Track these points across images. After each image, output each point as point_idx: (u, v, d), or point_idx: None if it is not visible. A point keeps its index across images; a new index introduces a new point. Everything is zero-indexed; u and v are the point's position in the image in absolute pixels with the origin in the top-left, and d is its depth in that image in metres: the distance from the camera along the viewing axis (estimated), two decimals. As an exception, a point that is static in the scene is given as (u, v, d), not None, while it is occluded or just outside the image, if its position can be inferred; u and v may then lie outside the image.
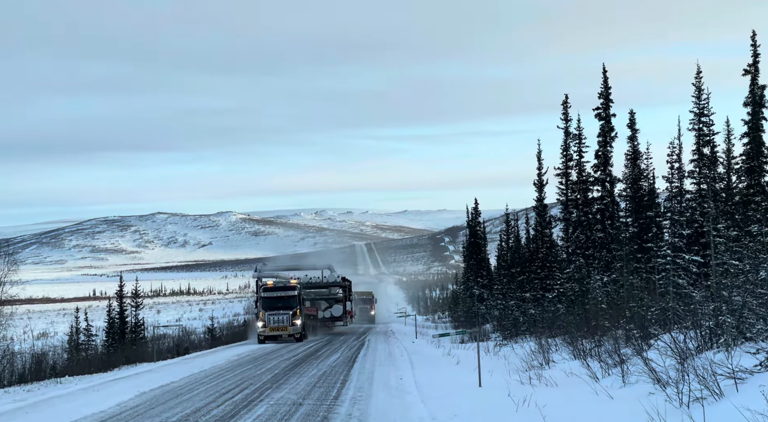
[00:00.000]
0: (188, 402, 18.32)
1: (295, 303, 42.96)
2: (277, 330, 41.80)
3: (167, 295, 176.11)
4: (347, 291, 57.14)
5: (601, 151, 32.36)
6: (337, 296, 55.97)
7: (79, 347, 35.11)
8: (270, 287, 44.71)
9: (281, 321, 41.77)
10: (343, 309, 54.83)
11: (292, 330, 42.00)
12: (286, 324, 41.85)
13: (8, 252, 29.87)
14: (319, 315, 53.68)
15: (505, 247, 51.09)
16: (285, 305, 42.48)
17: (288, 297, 43.21)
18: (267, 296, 43.27)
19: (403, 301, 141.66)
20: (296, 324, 42.20)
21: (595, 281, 27.87)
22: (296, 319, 42.33)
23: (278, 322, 41.76)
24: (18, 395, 22.46)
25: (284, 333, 41.89)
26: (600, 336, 20.29)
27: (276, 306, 42.35)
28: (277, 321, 41.79)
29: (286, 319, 41.89)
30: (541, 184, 38.70)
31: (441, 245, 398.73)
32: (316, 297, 55.61)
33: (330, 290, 56.59)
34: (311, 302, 54.31)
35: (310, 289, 54.98)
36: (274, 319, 41.78)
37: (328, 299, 55.88)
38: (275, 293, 43.51)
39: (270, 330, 41.89)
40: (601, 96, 32.04)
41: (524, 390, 16.29)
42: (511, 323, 36.37)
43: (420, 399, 17.30)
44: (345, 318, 55.09)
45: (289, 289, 44.17)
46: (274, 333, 41.90)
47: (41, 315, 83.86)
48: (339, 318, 54.68)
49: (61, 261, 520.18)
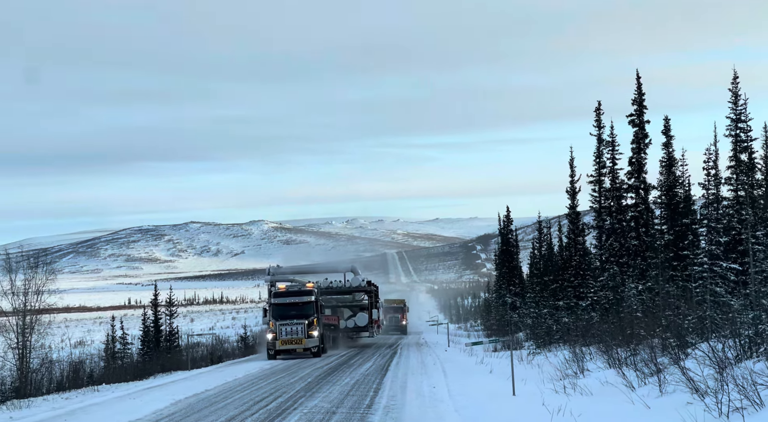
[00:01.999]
0: (222, 410, 18.43)
1: (311, 310, 36.78)
2: (290, 343, 35.81)
3: (201, 304, 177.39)
4: (374, 297, 50.99)
5: (635, 157, 32.08)
6: (362, 303, 49.42)
7: (115, 355, 35.48)
8: (281, 292, 38.18)
9: (295, 333, 35.78)
10: (368, 317, 48.50)
11: (307, 343, 35.95)
12: (300, 335, 35.84)
13: (46, 261, 30.21)
14: (341, 325, 47.46)
15: (538, 255, 50.81)
16: (299, 313, 36.34)
17: (303, 303, 36.89)
18: (278, 303, 36.98)
19: (435, 309, 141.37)
20: (313, 336, 36.02)
21: (629, 289, 27.58)
22: (313, 330, 36.12)
23: (291, 334, 35.78)
24: (56, 402, 22.73)
25: (298, 346, 35.93)
26: (635, 345, 20.08)
27: (289, 315, 36.26)
28: (291, 332, 35.79)
29: (301, 330, 35.84)
30: (573, 191, 38.45)
31: (473, 253, 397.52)
32: (338, 304, 49.28)
33: (354, 296, 49.93)
34: (332, 310, 48.21)
35: (331, 295, 48.69)
36: (287, 330, 35.75)
37: (352, 306, 49.46)
38: (288, 299, 37.12)
39: (281, 343, 35.77)
40: (634, 102, 31.76)
41: (559, 399, 16.17)
42: (544, 331, 36.12)
43: (453, 408, 17.24)
44: (371, 328, 48.89)
45: (305, 294, 37.67)
46: (287, 347, 35.90)
47: (78, 324, 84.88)
48: (364, 328, 48.45)
49: (96, 270, 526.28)
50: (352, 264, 54.24)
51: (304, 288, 38.96)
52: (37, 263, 27.76)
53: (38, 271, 27.11)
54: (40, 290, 26.65)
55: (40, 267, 27.42)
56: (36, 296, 26.57)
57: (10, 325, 26.32)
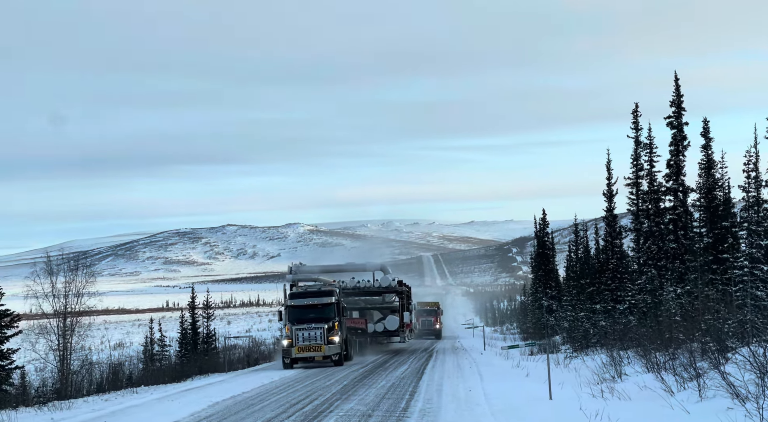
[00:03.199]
0: (259, 413, 18.56)
1: (332, 313, 33.41)
2: (307, 351, 32.47)
3: (237, 306, 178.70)
4: (405, 299, 47.44)
5: (673, 160, 31.74)
6: (393, 305, 46.12)
7: (153, 357, 35.85)
8: (299, 292, 35.04)
9: (313, 338, 32.40)
10: (399, 321, 44.72)
11: (328, 350, 32.54)
12: (319, 341, 32.38)
13: (86, 264, 30.63)
14: (369, 329, 44.11)
15: (574, 258, 50.44)
16: (319, 316, 32.95)
17: (323, 305, 33.46)
18: (295, 305, 33.53)
19: (471, 312, 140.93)
20: (334, 342, 32.64)
21: (668, 292, 27.28)
22: (334, 335, 32.69)
23: (309, 340, 32.43)
24: (96, 404, 23.06)
25: (317, 354, 32.53)
26: (674, 349, 19.86)
27: (306, 318, 32.92)
28: (308, 337, 32.44)
29: (320, 335, 32.39)
30: (610, 193, 38.18)
31: (508, 256, 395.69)
32: (366, 307, 46.02)
33: (384, 297, 46.73)
34: (360, 312, 45.18)
35: (359, 296, 45.59)
36: (304, 336, 32.42)
37: (381, 308, 46.20)
38: (306, 300, 33.76)
39: (298, 350, 32.40)
40: (672, 104, 31.44)
41: (596, 403, 16.04)
42: (581, 335, 35.85)
43: (490, 411, 17.19)
44: (402, 332, 45.22)
45: (325, 295, 34.26)
46: (304, 355, 32.55)
47: (117, 326, 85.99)
48: (394, 332, 44.84)
49: (135, 272, 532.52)
50: (381, 263, 50.98)
51: (325, 287, 35.88)
52: (77, 266, 28.19)
53: (78, 274, 27.53)
54: (80, 292, 27.05)
55: (80, 270, 27.82)
56: (76, 298, 26.98)
57: (51, 327, 26.75)
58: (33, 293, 26.69)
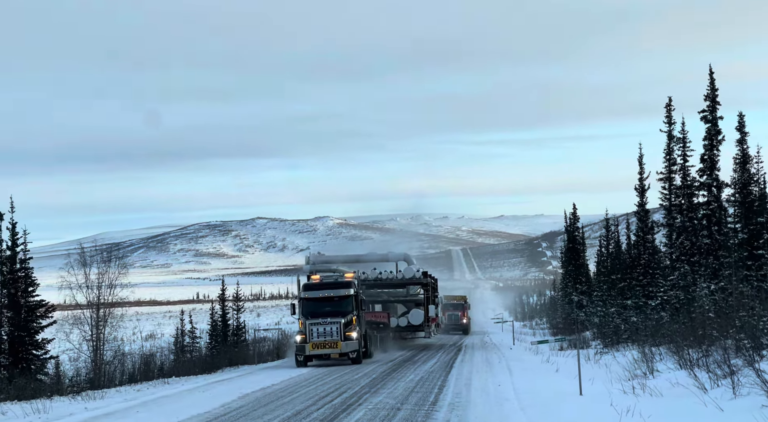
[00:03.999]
0: (289, 405, 18.65)
1: (349, 306, 31.27)
2: (322, 347, 30.24)
3: (267, 299, 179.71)
4: (431, 291, 44.86)
5: (707, 154, 31.37)
6: (417, 298, 43.68)
7: (184, 349, 36.12)
8: (313, 284, 32.63)
9: (329, 334, 30.22)
10: (424, 314, 42.34)
11: (344, 347, 30.27)
12: (335, 337, 30.21)
13: (118, 255, 30.92)
14: (392, 323, 41.88)
15: (605, 253, 50.05)
16: (335, 310, 30.86)
17: (340, 298, 31.32)
18: (309, 297, 31.39)
19: (500, 307, 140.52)
20: (351, 338, 30.37)
21: (701, 289, 26.99)
22: (351, 331, 30.53)
23: (324, 336, 30.20)
24: (129, 394, 23.33)
25: (333, 351, 30.28)
26: (708, 346, 19.64)
27: (322, 312, 30.80)
28: (323, 333, 30.22)
29: (336, 331, 30.22)
30: (642, 188, 37.86)
31: (538, 250, 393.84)
32: (389, 299, 43.88)
33: (408, 289, 44.38)
34: (383, 305, 43.07)
35: (381, 288, 43.38)
36: (319, 331, 30.22)
37: (406, 301, 43.99)
38: (321, 292, 31.49)
39: (312, 346, 30.15)
40: (707, 98, 31.07)
41: (627, 399, 15.91)
42: (611, 331, 35.58)
43: (519, 406, 17.13)
44: (427, 327, 42.87)
45: (342, 287, 31.92)
46: (319, 352, 30.37)
47: (149, 317, 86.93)
48: (419, 327, 42.46)
49: (166, 264, 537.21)
50: (405, 253, 47.74)
51: (342, 279, 33.17)
52: (110, 257, 28.51)
53: (111, 265, 27.84)
54: (113, 284, 27.35)
55: (112, 262, 28.13)
56: (109, 289, 27.29)
57: (85, 318, 27.08)
58: (67, 284, 27.04)
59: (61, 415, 18.50)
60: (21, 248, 24.82)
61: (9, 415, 18.55)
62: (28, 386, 22.18)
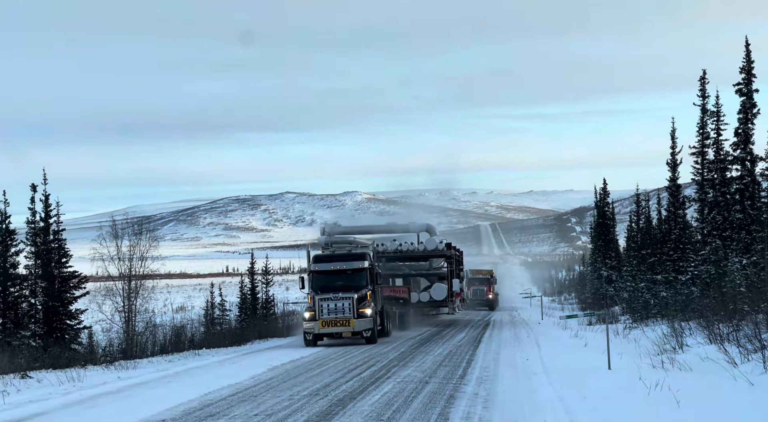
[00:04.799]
0: (318, 377, 18.82)
1: (363, 280, 28.83)
2: (333, 325, 27.94)
3: (295, 273, 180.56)
4: (455, 264, 41.92)
5: (741, 128, 30.93)
6: (440, 271, 40.75)
7: (214, 321, 36.44)
8: (324, 255, 30.59)
9: (340, 311, 27.91)
10: (447, 289, 39.29)
11: (357, 325, 27.92)
12: (348, 315, 27.85)
13: (149, 228, 31.19)
14: (413, 299, 38.98)
15: (635, 228, 49.70)
16: (348, 284, 28.49)
17: (353, 271, 28.87)
18: (319, 270, 29.01)
19: (529, 282, 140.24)
20: (365, 315, 28.03)
21: (732, 263, 26.73)
22: (365, 307, 28.13)
23: (336, 312, 27.93)
24: (160, 365, 23.66)
25: (345, 329, 28.03)
26: (738, 321, 19.49)
27: (333, 286, 28.45)
28: (334, 310, 27.93)
29: (348, 307, 27.85)
30: (674, 163, 37.53)
31: (567, 226, 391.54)
32: (410, 273, 41.24)
33: (431, 262, 41.41)
34: (404, 279, 40.54)
35: (401, 261, 40.58)
36: (329, 307, 27.94)
37: (428, 275, 41.18)
38: (332, 265, 29.10)
39: (322, 324, 27.87)
40: (742, 70, 30.56)
41: (656, 373, 15.87)
42: (641, 306, 35.43)
43: (547, 380, 17.14)
44: (450, 302, 39.96)
45: (355, 259, 29.51)
46: (329, 330, 28.08)
47: (179, 290, 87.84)
48: (442, 302, 39.54)
49: (196, 238, 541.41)
50: (427, 223, 44.41)
51: (356, 250, 31.02)
52: (141, 230, 28.79)
53: (142, 238, 28.11)
54: (144, 256, 27.62)
55: (143, 234, 28.40)
56: (140, 262, 27.58)
57: (117, 289, 27.43)
58: (99, 256, 27.37)
59: (95, 384, 18.82)
60: (54, 220, 25.13)
61: (44, 383, 18.91)
62: (63, 355, 22.58)
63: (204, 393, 16.30)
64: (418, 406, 13.93)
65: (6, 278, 23.81)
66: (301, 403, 14.58)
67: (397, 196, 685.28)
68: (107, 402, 15.96)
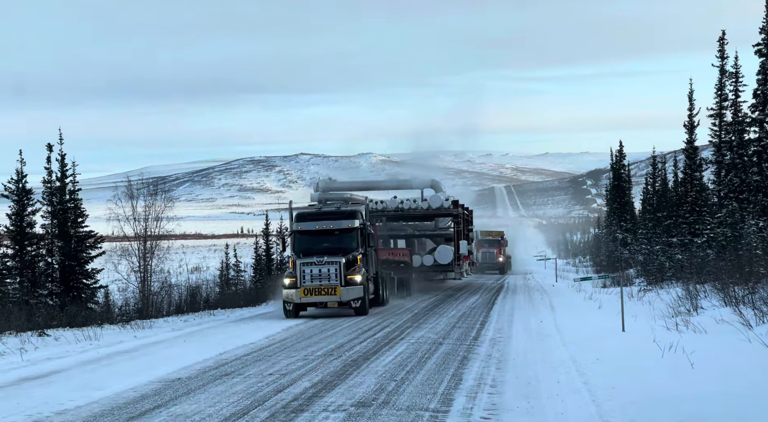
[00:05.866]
0: (332, 337, 18.94)
1: (353, 242, 25.13)
2: (317, 294, 24.18)
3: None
4: (463, 224, 38.02)
5: (760, 89, 30.53)
6: (446, 232, 37.55)
7: (229, 282, 36.63)
8: (309, 213, 26.37)
9: (325, 277, 24.22)
10: (454, 252, 35.89)
11: (345, 294, 24.16)
12: (334, 282, 24.15)
13: (164, 189, 31.24)
14: (416, 263, 35.47)
15: (651, 191, 49.44)
16: (335, 247, 24.75)
17: (341, 231, 25.17)
18: (303, 230, 25.22)
19: (543, 245, 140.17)
20: (354, 283, 24.31)
21: (749, 226, 26.57)
22: (355, 273, 24.45)
23: (320, 279, 24.24)
24: (176, 324, 23.88)
25: (330, 298, 24.23)
26: (754, 283, 19.40)
27: (318, 249, 24.68)
28: (318, 276, 24.25)
29: (335, 273, 24.20)
30: (692, 125, 37.20)
31: (582, 188, 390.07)
32: (414, 234, 38.22)
33: (436, 222, 38.19)
34: (406, 241, 37.80)
35: (403, 220, 37.37)
36: (313, 273, 24.27)
37: (433, 236, 38.09)
38: (317, 224, 25.28)
39: (304, 292, 24.13)
40: (762, 31, 30.05)
41: (670, 336, 15.85)
42: (656, 268, 35.33)
43: (561, 342, 17.17)
44: (457, 266, 36.46)
45: (344, 217, 25.51)
46: (312, 299, 24.28)
47: (194, 251, 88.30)
48: (447, 266, 36.05)
49: (211, 199, 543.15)
50: (432, 178, 39.73)
51: (345, 207, 26.81)
52: (156, 191, 28.84)
53: (157, 198, 28.18)
54: (159, 217, 27.71)
55: (159, 195, 28.46)
56: (155, 222, 27.68)
57: (132, 249, 27.58)
58: (115, 216, 27.48)
59: (112, 342, 19.02)
60: (70, 179, 25.21)
61: (62, 341, 19.13)
62: (79, 314, 22.79)
63: (219, 352, 16.45)
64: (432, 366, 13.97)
65: (23, 237, 23.98)
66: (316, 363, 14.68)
67: (412, 157, 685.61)
68: (124, 360, 16.14)
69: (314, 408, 10.59)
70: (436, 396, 11.30)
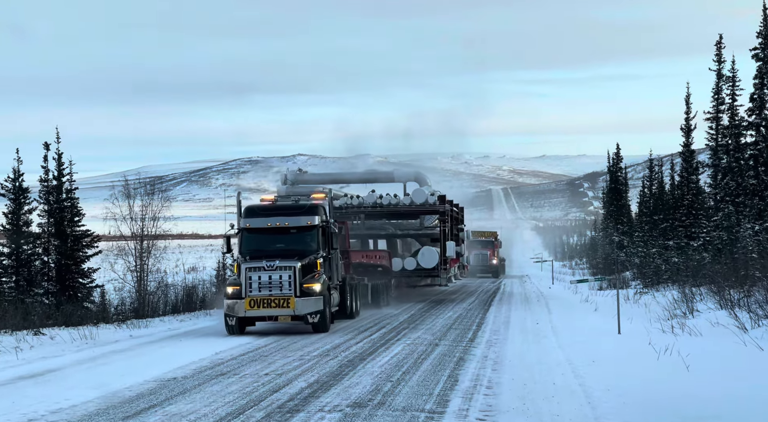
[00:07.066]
0: (328, 338, 18.94)
1: (313, 243, 20.86)
2: (265, 306, 19.85)
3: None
4: (451, 222, 32.51)
5: (757, 93, 30.59)
6: (432, 231, 32.73)
7: (225, 281, 36.61)
8: (260, 208, 21.97)
9: (276, 286, 19.98)
10: (439, 255, 30.50)
11: (300, 307, 19.79)
12: (287, 292, 19.88)
13: (161, 189, 31.15)
14: (396, 266, 30.39)
15: (648, 193, 49.55)
16: (289, 249, 20.54)
17: (298, 230, 20.87)
18: (252, 227, 21.08)
19: (540, 247, 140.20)
20: (312, 293, 19.98)
21: (745, 229, 26.62)
22: (313, 281, 20.19)
23: (270, 287, 20.00)
24: (172, 324, 23.86)
25: (282, 311, 19.84)
26: (749, 287, 19.44)
27: (269, 250, 20.53)
28: (268, 284, 20.02)
29: (288, 281, 19.93)
30: (688, 128, 37.43)
31: (579, 191, 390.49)
32: (396, 233, 33.65)
33: (422, 220, 33.61)
34: (388, 241, 33.40)
35: (384, 217, 32.86)
36: (262, 281, 20.04)
37: (419, 236, 33.63)
38: (269, 220, 21.13)
39: (250, 304, 19.84)
40: (759, 35, 30.13)
41: (666, 338, 15.88)
42: (652, 271, 35.40)
43: (557, 344, 17.19)
44: (443, 271, 31.42)
45: (302, 212, 21.19)
46: (259, 313, 19.99)
47: (191, 250, 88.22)
48: (431, 271, 30.75)
49: (208, 199, 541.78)
50: (416, 171, 35.97)
51: (304, 201, 21.95)
52: (153, 190, 28.79)
53: (154, 198, 28.13)
54: (156, 216, 27.67)
55: (156, 194, 28.41)
56: (152, 222, 27.64)
57: (129, 249, 27.54)
58: (111, 215, 27.44)
59: (107, 341, 19.01)
60: (67, 178, 25.17)
61: (57, 340, 19.11)
62: (75, 313, 22.76)
63: (215, 352, 16.45)
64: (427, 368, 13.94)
65: (19, 236, 23.94)
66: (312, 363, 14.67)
67: (409, 158, 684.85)
68: (119, 359, 16.13)
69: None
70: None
